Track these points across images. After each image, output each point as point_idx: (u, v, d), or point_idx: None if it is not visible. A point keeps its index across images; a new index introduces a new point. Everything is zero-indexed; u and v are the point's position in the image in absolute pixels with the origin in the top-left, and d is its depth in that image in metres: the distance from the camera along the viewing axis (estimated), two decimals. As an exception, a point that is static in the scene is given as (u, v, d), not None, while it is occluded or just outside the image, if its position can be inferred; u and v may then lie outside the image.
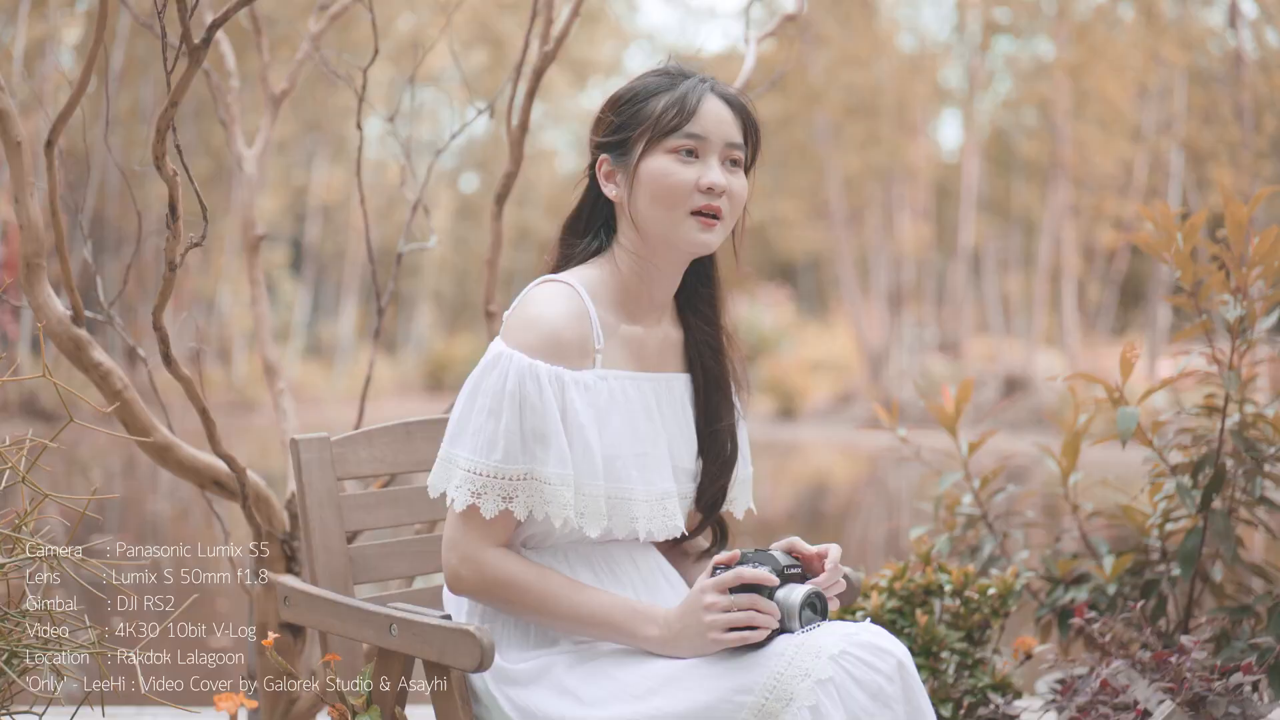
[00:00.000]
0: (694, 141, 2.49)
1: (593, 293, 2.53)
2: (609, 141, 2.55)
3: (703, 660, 2.33)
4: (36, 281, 3.21)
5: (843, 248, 28.76)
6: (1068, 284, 26.07)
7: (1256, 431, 3.57)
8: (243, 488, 3.29)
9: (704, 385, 2.67)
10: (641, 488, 2.50)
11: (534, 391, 2.40)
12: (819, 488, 17.24)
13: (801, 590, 2.36)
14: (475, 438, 2.42)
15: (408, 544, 2.89)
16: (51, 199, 3.13)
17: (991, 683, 3.36)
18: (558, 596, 2.43)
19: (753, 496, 2.80)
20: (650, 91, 2.53)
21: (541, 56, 3.42)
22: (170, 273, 2.65)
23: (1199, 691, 3.02)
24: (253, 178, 3.84)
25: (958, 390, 3.82)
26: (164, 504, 13.18)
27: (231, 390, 24.65)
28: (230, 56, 3.97)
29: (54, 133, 3.05)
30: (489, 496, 2.40)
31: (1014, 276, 30.00)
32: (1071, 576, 3.74)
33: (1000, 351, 27.51)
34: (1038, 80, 26.94)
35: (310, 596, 2.62)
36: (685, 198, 2.48)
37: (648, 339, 2.61)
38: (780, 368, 27.34)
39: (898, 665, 2.29)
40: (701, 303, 2.69)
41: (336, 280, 31.94)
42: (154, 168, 2.48)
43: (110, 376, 3.26)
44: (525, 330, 2.45)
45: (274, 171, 27.43)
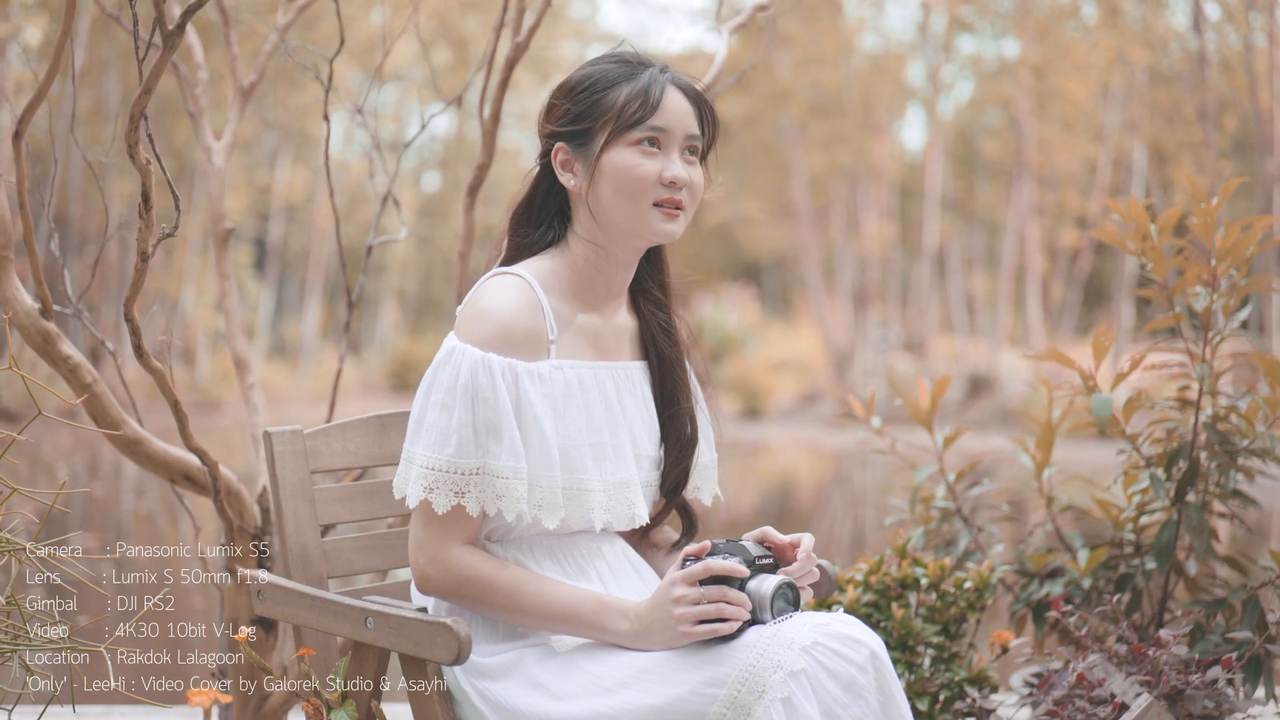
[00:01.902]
0: (657, 134, 2.49)
1: (545, 284, 2.53)
2: (566, 131, 2.53)
3: (675, 653, 2.32)
4: (4, 274, 3.17)
5: (808, 247, 28.79)
6: (1032, 283, 26.15)
7: (1229, 424, 3.58)
8: (214, 482, 3.25)
9: (659, 370, 2.68)
10: (598, 477, 2.50)
11: (486, 384, 2.39)
12: (785, 485, 17.25)
13: (773, 581, 2.34)
14: (429, 434, 2.41)
15: (382, 538, 2.87)
16: (20, 191, 3.09)
17: (968, 676, 3.36)
18: (526, 593, 2.42)
19: (719, 483, 2.79)
20: (610, 80, 2.51)
21: (513, 47, 3.40)
22: (142, 263, 2.61)
23: (1176, 685, 3.03)
24: (221, 170, 3.81)
25: (933, 386, 3.82)
26: (131, 502, 13.09)
27: (195, 389, 24.48)
28: (199, 49, 3.94)
29: (21, 124, 3.01)
30: (441, 490, 2.39)
31: (978, 276, 30.10)
32: (1046, 570, 3.74)
33: (965, 351, 27.60)
34: (1001, 80, 27.04)
35: (284, 590, 2.59)
36: (649, 190, 2.48)
37: (604, 328, 2.60)
38: (745, 367, 27.33)
39: (871, 655, 2.29)
40: (654, 288, 2.70)
41: (300, 279, 31.79)
42: (124, 160, 2.45)
43: (79, 370, 3.23)
44: (477, 323, 2.44)
45: (237, 170, 27.27)
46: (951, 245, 29.80)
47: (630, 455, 2.58)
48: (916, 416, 3.82)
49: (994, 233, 30.25)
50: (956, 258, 29.87)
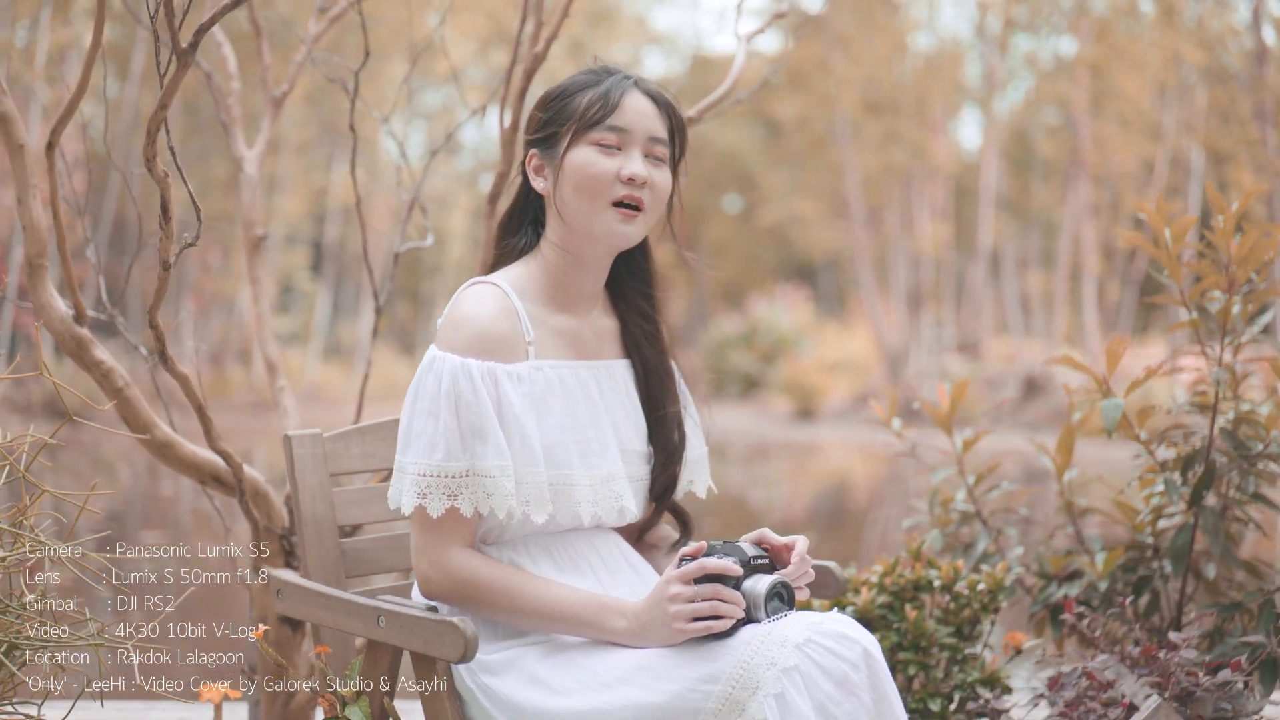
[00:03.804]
0: (616, 135, 2.57)
1: (519, 289, 2.61)
2: (538, 137, 2.64)
3: (671, 650, 2.38)
4: (39, 282, 3.27)
5: (861, 247, 28.74)
6: (1087, 284, 26.01)
7: (1248, 429, 3.59)
8: (239, 483, 3.34)
9: (644, 374, 2.75)
10: (583, 472, 2.58)
11: (468, 389, 2.47)
12: (837, 488, 17.23)
13: (767, 580, 2.41)
14: (418, 441, 2.49)
15: (400, 538, 2.94)
16: (53, 201, 3.19)
17: (980, 677, 3.39)
18: (525, 595, 2.49)
19: (710, 474, 2.87)
20: (577, 87, 2.62)
21: (531, 58, 3.47)
22: (164, 272, 2.70)
23: (1186, 687, 3.05)
24: (253, 179, 3.89)
25: (953, 390, 3.85)
26: (193, 501, 13.27)
27: (253, 390, 24.73)
28: (232, 59, 4.03)
29: (54, 135, 3.11)
30: (434, 495, 2.47)
31: (1033, 276, 29.92)
32: (1065, 573, 3.76)
33: (1020, 352, 27.44)
34: (1057, 79, 26.88)
35: (301, 589, 2.67)
36: (606, 187, 2.56)
37: (582, 328, 2.68)
38: (798, 368, 27.31)
39: (863, 653, 2.34)
40: (634, 294, 2.77)
41: (357, 281, 32.03)
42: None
43: (111, 375, 3.31)
44: (455, 331, 2.52)
45: (295, 173, 27.54)
46: (1006, 245, 29.65)
47: (615, 450, 2.65)
48: (936, 420, 3.85)
49: (1049, 232, 30.06)
50: (1011, 258, 29.71)
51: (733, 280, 39.91)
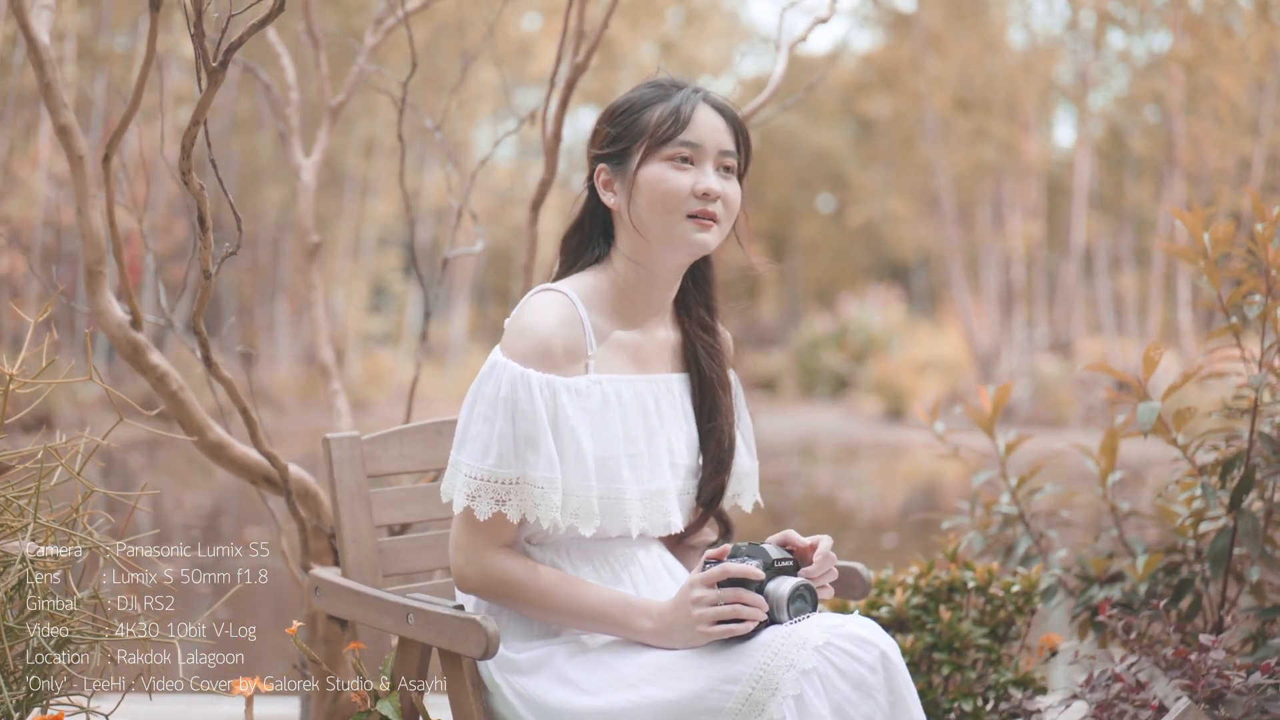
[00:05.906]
0: (689, 149, 2.61)
1: (587, 300, 2.65)
2: (607, 153, 2.67)
3: (694, 651, 2.44)
4: (98, 288, 3.39)
5: (952, 246, 28.52)
6: (1182, 283, 25.63)
7: (1290, 433, 3.58)
8: (285, 484, 3.43)
9: (699, 385, 2.78)
10: (634, 486, 2.62)
11: (525, 398, 2.52)
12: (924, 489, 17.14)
13: (790, 583, 2.45)
14: (473, 444, 2.56)
15: (437, 538, 3.02)
16: (109, 211, 3.30)
17: (1013, 678, 3.40)
18: (555, 593, 2.56)
19: (759, 490, 2.91)
20: (645, 102, 2.65)
21: (572, 68, 3.53)
22: (205, 280, 2.79)
23: (1218, 689, 3.05)
24: (309, 187, 3.99)
25: (995, 393, 3.86)
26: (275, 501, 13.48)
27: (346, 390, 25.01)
28: (291, 70, 4.13)
29: (110, 147, 3.22)
30: (483, 499, 2.53)
31: (1127, 275, 29.53)
32: (1106, 575, 3.77)
33: (1113, 352, 27.10)
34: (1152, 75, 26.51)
35: (336, 586, 2.76)
36: (682, 202, 2.59)
37: (645, 342, 2.72)
38: (889, 368, 27.14)
39: (881, 656, 2.37)
40: (696, 306, 2.80)
41: (448, 283, 32.32)
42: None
43: (167, 378, 3.43)
44: (519, 339, 2.57)
45: (388, 176, 27.83)
46: (1099, 244, 29.28)
47: (666, 465, 2.69)
48: (979, 422, 3.87)
49: (1143, 231, 29.64)
50: (1104, 256, 29.34)
51: (825, 279, 39.77)
